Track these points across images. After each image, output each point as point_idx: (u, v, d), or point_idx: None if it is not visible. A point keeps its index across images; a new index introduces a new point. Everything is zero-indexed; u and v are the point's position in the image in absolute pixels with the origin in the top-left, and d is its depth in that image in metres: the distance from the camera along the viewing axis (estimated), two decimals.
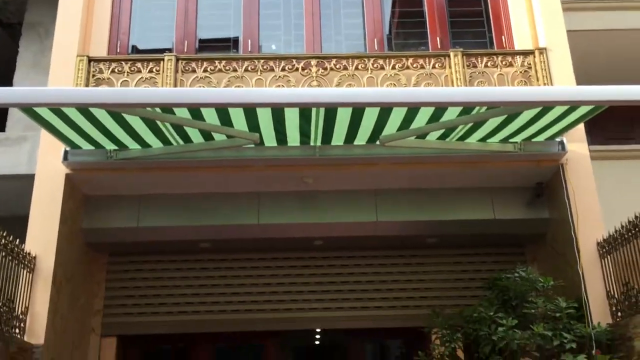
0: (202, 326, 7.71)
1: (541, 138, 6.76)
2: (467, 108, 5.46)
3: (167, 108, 5.26)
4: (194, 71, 7.20)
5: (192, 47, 7.65)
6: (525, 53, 7.49)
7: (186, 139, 6.28)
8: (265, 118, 5.60)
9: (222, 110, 5.39)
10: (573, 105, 5.49)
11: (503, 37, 7.83)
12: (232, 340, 8.07)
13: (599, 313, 6.35)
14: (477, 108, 5.47)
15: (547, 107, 5.55)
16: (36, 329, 6.24)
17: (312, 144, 6.67)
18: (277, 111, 5.43)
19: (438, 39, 7.82)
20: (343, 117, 5.71)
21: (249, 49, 7.64)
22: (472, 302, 6.94)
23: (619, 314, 6.21)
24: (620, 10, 10.04)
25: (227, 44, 7.81)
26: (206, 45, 7.79)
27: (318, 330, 8.29)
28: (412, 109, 5.48)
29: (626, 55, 10.11)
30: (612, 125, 11.13)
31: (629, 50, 10.06)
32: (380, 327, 7.83)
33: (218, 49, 7.73)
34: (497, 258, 7.86)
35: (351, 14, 8.05)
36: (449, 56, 7.41)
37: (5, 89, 4.82)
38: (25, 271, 6.24)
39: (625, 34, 9.88)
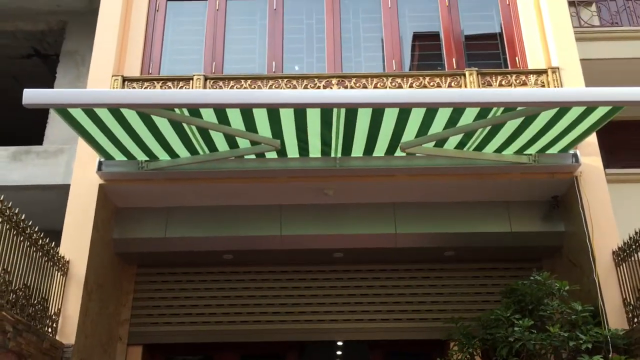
0: (225, 336, 7.92)
1: (555, 150, 6.98)
2: (483, 111, 5.69)
3: (194, 111, 5.60)
4: (221, 89, 7.61)
5: (219, 68, 8.09)
6: (539, 72, 7.78)
7: (212, 147, 6.62)
8: (287, 122, 5.91)
9: (247, 115, 5.72)
10: (590, 106, 5.66)
11: (517, 57, 8.14)
12: (255, 350, 8.23)
13: (616, 320, 6.43)
14: (493, 111, 5.70)
15: (563, 109, 5.75)
16: (67, 330, 6.50)
17: (332, 155, 6.98)
18: (300, 116, 5.74)
19: (454, 60, 8.15)
20: (363, 121, 5.98)
21: (273, 70, 8.05)
22: None
23: (635, 320, 6.29)
24: (631, 40, 10.37)
25: (253, 66, 8.24)
26: (233, 67, 8.21)
27: (339, 342, 8.40)
28: (430, 113, 5.73)
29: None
30: (630, 155, 11.32)
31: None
32: (399, 339, 7.94)
33: (244, 70, 8.16)
34: (515, 273, 7.95)
35: (371, 38, 8.45)
36: (464, 75, 7.74)
37: (43, 90, 5.24)
38: (59, 274, 6.55)
39: (637, 62, 10.16)
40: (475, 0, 8.71)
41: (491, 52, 8.35)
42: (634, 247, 6.37)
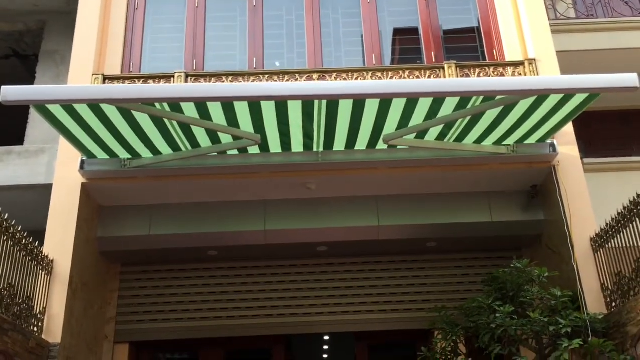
0: (212, 332, 7.96)
1: (533, 140, 7.10)
2: (463, 101, 5.78)
3: (175, 106, 5.63)
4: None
5: (200, 65, 8.11)
6: (516, 64, 7.91)
7: (194, 143, 6.66)
8: (269, 116, 5.96)
9: (228, 109, 5.77)
10: (567, 94, 5.78)
11: (494, 50, 8.26)
12: (241, 345, 8.28)
13: (594, 305, 6.58)
14: (472, 100, 5.79)
15: (540, 97, 5.86)
16: (53, 329, 6.50)
17: (314, 149, 7.05)
18: (281, 109, 5.80)
19: (433, 53, 8.26)
20: (344, 113, 6.04)
21: (254, 66, 8.09)
22: None
23: (613, 304, 6.44)
24: (607, 31, 10.55)
25: (234, 62, 8.27)
26: (214, 63, 8.23)
27: (325, 335, 8.48)
28: (411, 104, 5.81)
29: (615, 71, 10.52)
30: (607, 145, 11.53)
31: (617, 68, 10.49)
32: (384, 330, 8.04)
33: (225, 67, 8.18)
34: (496, 262, 8.05)
35: (350, 33, 8.52)
36: (443, 68, 7.84)
37: (22, 87, 5.22)
38: (43, 273, 6.55)
39: (612, 53, 10.35)
40: None
41: (469, 45, 8.46)
42: (610, 233, 6.51)
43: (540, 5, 8.24)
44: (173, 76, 7.73)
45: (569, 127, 7.37)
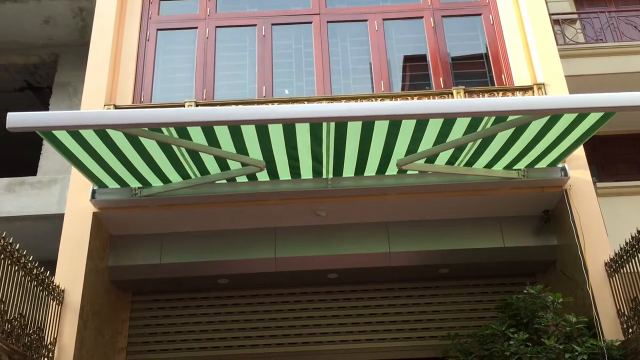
0: None
1: (544, 164, 7.06)
2: (474, 121, 5.72)
3: (183, 132, 5.65)
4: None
5: (210, 94, 8.20)
6: (524, 89, 7.91)
7: (203, 170, 6.69)
8: (277, 141, 5.97)
9: (236, 134, 5.77)
10: (582, 113, 5.67)
11: (503, 75, 8.28)
12: None
13: (611, 331, 6.44)
14: (484, 122, 5.75)
15: (553, 118, 5.79)
16: (64, 359, 6.48)
17: (324, 175, 7.05)
18: (289, 133, 5.80)
19: (441, 79, 8.29)
20: (353, 137, 6.02)
21: (264, 95, 8.16)
22: None
23: (630, 330, 6.31)
24: (616, 55, 10.56)
25: (243, 91, 8.35)
26: (224, 92, 8.32)
27: None
28: (420, 126, 5.77)
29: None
30: (621, 168, 11.46)
31: (626, 91, 10.45)
32: (397, 359, 7.92)
33: (234, 95, 8.27)
34: (509, 288, 7.97)
35: (359, 60, 8.59)
36: (451, 94, 7.87)
37: (26, 113, 5.22)
38: (54, 303, 6.55)
39: (621, 77, 10.33)
40: (460, 21, 8.88)
41: (477, 71, 8.49)
42: (625, 257, 6.42)
43: (548, 29, 8.27)
44: (183, 105, 7.80)
45: (580, 151, 7.32)
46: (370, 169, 6.94)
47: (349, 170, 6.95)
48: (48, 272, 6.43)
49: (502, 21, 8.59)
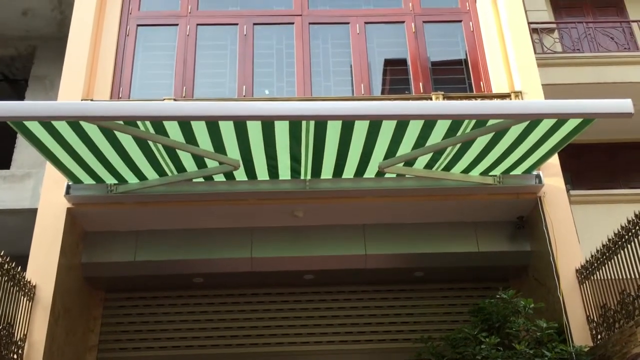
0: None
1: (519, 171, 7.16)
2: (454, 124, 5.74)
3: (159, 127, 5.59)
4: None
5: (190, 92, 8.16)
6: (502, 96, 8.01)
7: (180, 167, 6.65)
8: (256, 138, 5.93)
9: (214, 131, 5.73)
10: (560, 119, 5.72)
11: (481, 82, 8.38)
12: None
13: (580, 337, 6.54)
14: (463, 126, 5.78)
15: (532, 124, 5.83)
16: (33, 356, 6.37)
17: (302, 176, 7.06)
18: (268, 131, 5.77)
19: (421, 84, 8.35)
20: (332, 137, 6.02)
21: (244, 94, 8.14)
22: None
23: (599, 336, 6.42)
24: (592, 65, 10.74)
25: (223, 90, 8.32)
26: (203, 90, 8.28)
27: None
28: (400, 129, 5.79)
29: None
30: (594, 176, 11.64)
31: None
32: None
33: (214, 94, 8.23)
34: (483, 292, 8.03)
35: (340, 63, 8.62)
36: (430, 99, 7.92)
37: None
38: (25, 299, 6.45)
39: (597, 87, 10.50)
40: (441, 27, 8.97)
41: (457, 77, 8.58)
42: (595, 265, 6.53)
43: (527, 38, 8.38)
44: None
45: (554, 159, 7.43)
46: (349, 170, 6.96)
47: (327, 171, 6.96)
48: (19, 267, 6.34)
49: (482, 29, 8.69)
